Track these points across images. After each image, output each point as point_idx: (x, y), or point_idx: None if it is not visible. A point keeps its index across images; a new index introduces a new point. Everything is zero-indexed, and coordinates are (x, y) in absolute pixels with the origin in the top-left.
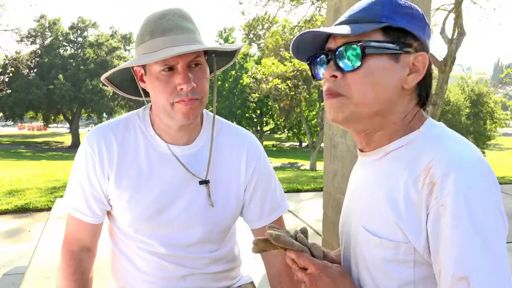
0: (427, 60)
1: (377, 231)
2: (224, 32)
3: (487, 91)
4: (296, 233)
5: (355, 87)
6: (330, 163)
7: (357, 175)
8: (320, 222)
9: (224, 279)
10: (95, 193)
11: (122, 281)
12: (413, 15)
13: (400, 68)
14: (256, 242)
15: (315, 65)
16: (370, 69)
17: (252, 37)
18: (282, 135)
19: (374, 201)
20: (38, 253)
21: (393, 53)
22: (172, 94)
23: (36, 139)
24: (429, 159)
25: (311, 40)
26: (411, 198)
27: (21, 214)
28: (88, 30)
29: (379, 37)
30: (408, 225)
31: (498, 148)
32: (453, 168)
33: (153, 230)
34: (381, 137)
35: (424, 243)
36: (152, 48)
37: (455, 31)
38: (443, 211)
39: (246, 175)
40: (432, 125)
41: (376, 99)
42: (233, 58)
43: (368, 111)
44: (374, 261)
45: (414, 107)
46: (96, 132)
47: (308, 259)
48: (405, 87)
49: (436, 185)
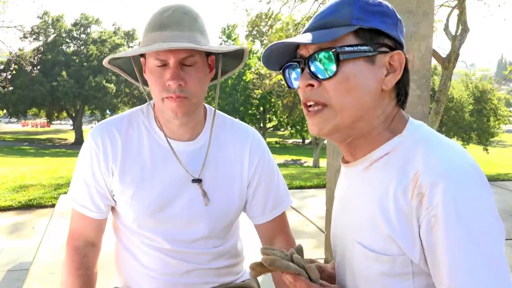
0: (403, 58)
1: (373, 246)
2: (227, 29)
3: (491, 88)
4: (292, 254)
5: (334, 94)
6: (333, 159)
7: (343, 187)
8: (322, 219)
9: (228, 274)
10: (100, 189)
11: (126, 277)
12: (384, 13)
13: (377, 69)
14: (253, 267)
15: (288, 74)
16: (346, 74)
17: (255, 33)
18: (285, 132)
19: (366, 214)
20: (42, 249)
21: (368, 56)
22: (162, 89)
23: (39, 136)
24: (417, 168)
25: (282, 49)
26: (402, 209)
27: (24, 210)
28: (91, 27)
29: (351, 40)
30: (401, 237)
31: (502, 145)
32: (441, 177)
33: (157, 226)
34: (364, 144)
35: (419, 253)
36: (147, 42)
37: (459, 27)
38: (434, 221)
39: (249, 170)
40: (414, 127)
41: (357, 104)
42: (242, 61)
43: (350, 117)
44: (372, 276)
45: (393, 108)
46: (100, 128)
47: (305, 283)
48: (384, 89)
49: (425, 196)
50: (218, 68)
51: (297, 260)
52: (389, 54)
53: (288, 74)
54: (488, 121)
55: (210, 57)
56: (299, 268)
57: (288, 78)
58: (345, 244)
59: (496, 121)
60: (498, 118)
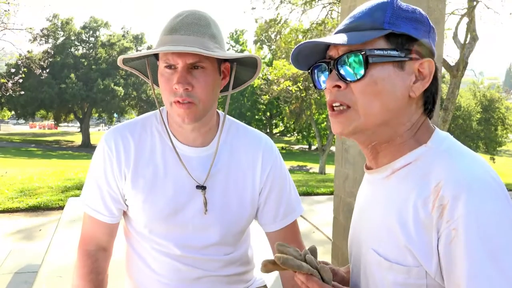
0: (433, 66)
1: (388, 255)
2: (235, 33)
3: (499, 97)
4: (306, 254)
5: (360, 97)
6: (341, 167)
7: (365, 193)
8: (329, 226)
9: (238, 282)
10: (112, 193)
11: (137, 282)
12: (417, 19)
13: (405, 75)
14: (265, 264)
15: (316, 74)
16: (374, 78)
17: (263, 39)
18: (292, 138)
19: (384, 222)
20: (51, 252)
21: (397, 61)
22: (170, 93)
23: (46, 138)
24: (438, 179)
25: (311, 49)
26: (421, 220)
27: (32, 212)
28: (100, 30)
29: (382, 44)
30: (418, 248)
31: (509, 154)
32: (463, 190)
33: (168, 232)
34: (388, 151)
35: (435, 266)
36: (158, 45)
37: (468, 36)
38: (455, 234)
39: (261, 177)
40: (440, 138)
41: (383, 109)
42: (257, 70)
43: (375, 121)
44: (385, 285)
45: (420, 117)
46: (114, 132)
47: (318, 284)
48: (411, 95)
49: (447, 208)
50: (231, 76)
51: (310, 261)
52: (419, 61)
53: (317, 75)
54: (496, 130)
55: (224, 64)
56: (312, 268)
57: (316, 79)
58: (361, 250)
59: (504, 130)
60: (506, 127)
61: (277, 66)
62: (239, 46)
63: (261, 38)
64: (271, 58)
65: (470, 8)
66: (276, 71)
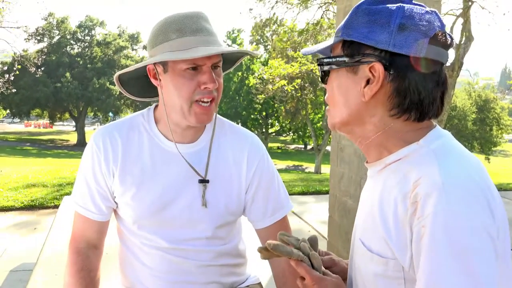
0: (382, 68)
1: (371, 246)
2: (232, 33)
3: (494, 97)
4: (302, 242)
5: (330, 99)
6: (336, 166)
7: (365, 187)
8: (324, 225)
9: (231, 274)
10: (101, 191)
11: (131, 277)
12: (375, 22)
13: (358, 79)
14: (259, 250)
15: None
16: (332, 83)
17: (259, 38)
18: (287, 137)
19: (371, 214)
20: (46, 250)
21: (350, 66)
22: (194, 91)
23: (41, 137)
24: (418, 176)
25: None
26: (399, 215)
27: (27, 211)
28: (96, 29)
29: (338, 51)
30: (395, 242)
31: (504, 154)
32: (435, 189)
33: (157, 227)
34: (373, 148)
35: (409, 261)
36: (183, 46)
37: (463, 36)
38: (423, 232)
39: (247, 175)
40: (433, 137)
41: (345, 110)
42: (233, 66)
43: (343, 121)
44: (367, 275)
45: (389, 119)
46: (102, 131)
47: (305, 269)
48: (362, 99)
49: (419, 205)
50: None
51: (303, 248)
52: (369, 64)
53: None
54: (491, 130)
55: None
56: (302, 255)
57: None
58: (354, 241)
59: (499, 131)
60: (500, 128)
61: (273, 65)
62: (236, 46)
63: (257, 38)
64: (267, 58)
65: (465, 9)
66: (272, 70)
